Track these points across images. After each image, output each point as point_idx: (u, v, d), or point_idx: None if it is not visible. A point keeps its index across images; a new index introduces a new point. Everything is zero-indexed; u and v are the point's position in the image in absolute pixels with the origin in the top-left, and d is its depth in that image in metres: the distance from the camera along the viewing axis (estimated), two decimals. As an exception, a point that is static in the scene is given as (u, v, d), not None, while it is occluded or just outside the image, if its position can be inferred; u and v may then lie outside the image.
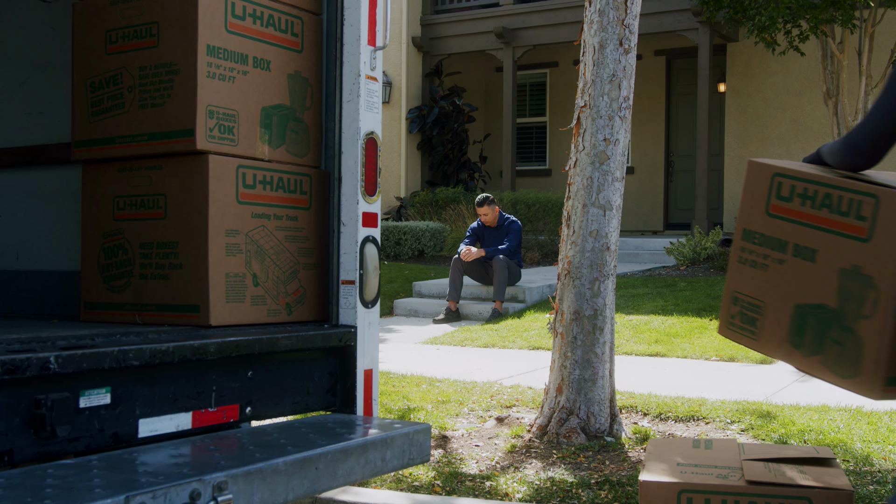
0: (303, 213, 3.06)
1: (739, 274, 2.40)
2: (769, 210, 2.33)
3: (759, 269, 2.35)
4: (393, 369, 6.44)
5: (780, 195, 2.31)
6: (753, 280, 2.35)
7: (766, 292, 2.33)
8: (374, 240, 3.08)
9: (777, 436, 4.36)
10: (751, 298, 2.37)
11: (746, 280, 2.37)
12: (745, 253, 2.37)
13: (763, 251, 2.34)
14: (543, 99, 16.82)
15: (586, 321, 4.33)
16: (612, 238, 4.35)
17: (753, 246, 2.35)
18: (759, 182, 2.37)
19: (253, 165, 2.89)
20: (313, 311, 3.09)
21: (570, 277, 4.36)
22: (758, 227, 2.35)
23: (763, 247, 2.34)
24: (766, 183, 2.35)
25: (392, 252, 13.08)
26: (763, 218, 2.34)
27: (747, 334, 2.38)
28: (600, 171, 4.30)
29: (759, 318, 2.34)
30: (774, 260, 2.31)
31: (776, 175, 2.33)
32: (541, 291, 9.77)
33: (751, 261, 2.37)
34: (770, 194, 2.33)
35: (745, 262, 2.38)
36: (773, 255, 2.31)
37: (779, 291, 2.29)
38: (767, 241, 2.33)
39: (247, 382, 2.72)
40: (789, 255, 2.28)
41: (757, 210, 2.36)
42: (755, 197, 2.37)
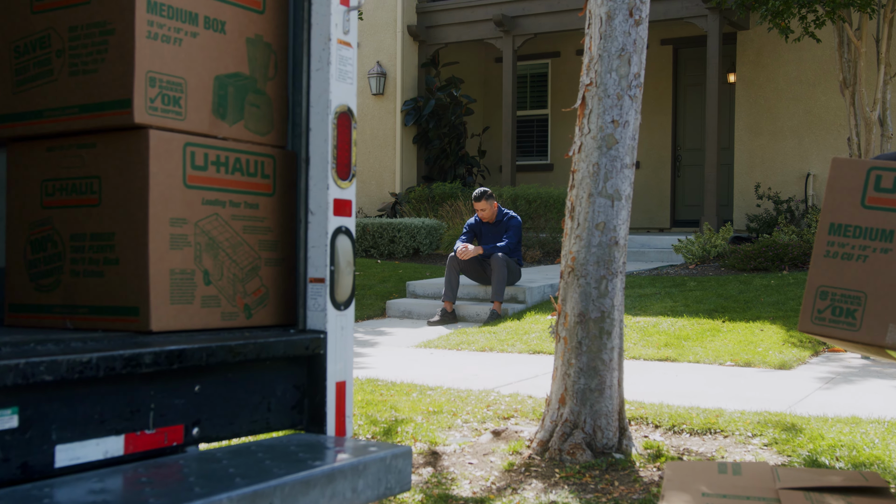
0: (264, 200, 2.69)
1: (829, 268, 2.53)
2: (865, 202, 2.52)
3: (856, 260, 2.50)
4: (382, 376, 6.07)
5: (881, 187, 2.51)
6: (848, 272, 2.50)
7: (867, 283, 2.47)
8: (348, 231, 2.71)
9: (805, 452, 3.99)
10: (846, 290, 2.51)
11: (839, 273, 2.51)
12: (834, 247, 2.52)
13: (860, 242, 2.50)
14: (545, 90, 16.45)
15: (592, 324, 3.96)
16: (621, 232, 3.98)
17: (847, 239, 2.51)
18: (850, 177, 2.54)
19: (204, 143, 2.52)
20: (277, 314, 2.72)
21: (574, 275, 3.99)
22: (851, 220, 2.52)
23: (860, 238, 2.50)
24: (860, 178, 2.54)
25: (386, 250, 12.71)
26: (858, 210, 2.51)
27: (843, 327, 2.50)
28: (608, 156, 3.93)
29: (859, 308, 2.48)
30: (876, 250, 2.47)
31: (874, 169, 2.53)
32: (542, 291, 9.40)
33: (844, 253, 2.52)
34: (867, 187, 2.53)
35: (835, 256, 2.52)
36: (874, 245, 2.48)
37: (885, 279, 2.44)
38: (866, 233, 2.50)
39: (193, 399, 2.34)
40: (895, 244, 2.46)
41: (849, 203, 2.52)
42: (846, 192, 2.54)
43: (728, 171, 14.23)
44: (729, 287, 9.32)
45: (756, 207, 13.39)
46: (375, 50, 15.28)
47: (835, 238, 2.57)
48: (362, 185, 15.38)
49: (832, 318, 2.55)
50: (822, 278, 2.58)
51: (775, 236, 10.96)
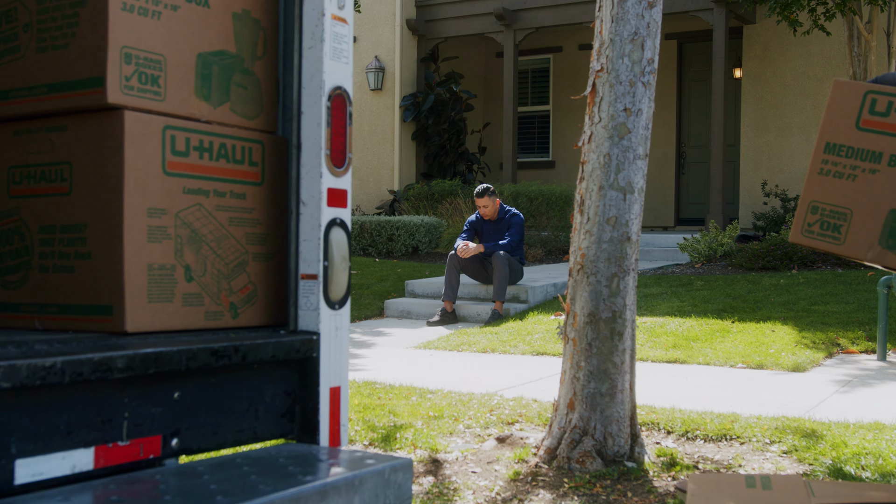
0: (252, 190, 2.49)
1: (821, 185, 2.69)
2: (860, 124, 2.64)
3: (846, 179, 2.65)
4: (380, 378, 5.87)
5: (875, 110, 2.62)
6: (838, 189, 2.66)
7: (853, 200, 2.63)
8: (343, 224, 2.51)
9: (828, 461, 3.79)
10: (834, 206, 2.67)
11: (829, 190, 2.67)
12: (828, 165, 2.67)
13: (851, 162, 2.65)
14: (546, 86, 16.25)
15: (603, 325, 3.77)
16: (634, 226, 3.79)
17: (839, 158, 2.66)
18: (848, 99, 2.66)
19: (186, 127, 2.32)
20: (266, 314, 2.52)
21: (583, 273, 3.80)
22: (845, 141, 2.66)
23: (851, 158, 2.65)
24: (857, 100, 2.64)
25: (384, 249, 12.51)
26: (852, 131, 2.64)
27: (828, 240, 2.69)
28: (620, 146, 3.74)
29: (844, 224, 2.66)
30: (865, 170, 2.63)
31: (870, 92, 2.63)
32: (545, 291, 9.21)
33: (836, 172, 2.67)
34: (862, 110, 2.64)
35: (827, 174, 2.68)
36: (863, 166, 2.63)
37: (870, 198, 2.60)
38: (857, 153, 2.64)
39: (173, 407, 2.14)
40: (884, 165, 2.60)
41: (845, 125, 2.65)
42: (842, 113, 2.65)
43: (734, 168, 14.04)
44: (737, 286, 9.12)
45: (763, 205, 13.20)
46: (373, 44, 15.08)
47: (829, 157, 2.72)
48: (360, 182, 15.19)
49: (820, 231, 2.74)
50: (814, 194, 2.74)
51: (783, 235, 10.77)
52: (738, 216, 13.60)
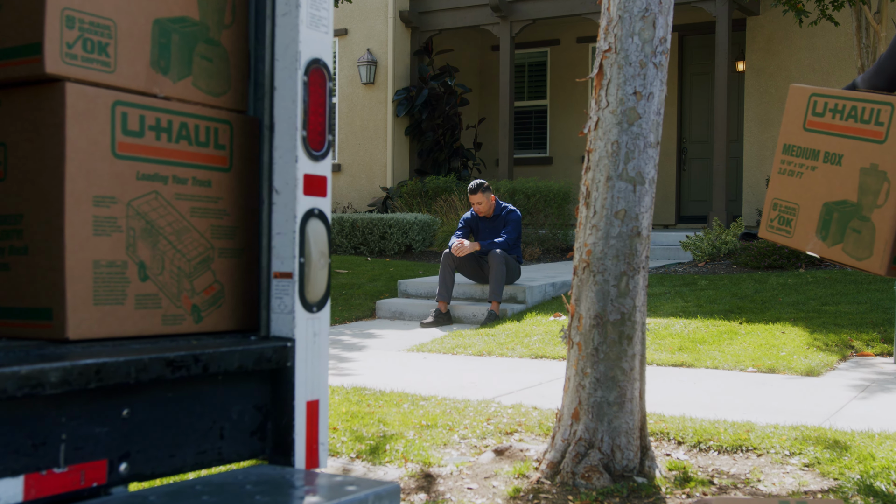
0: (219, 177, 2.21)
1: (779, 183, 2.95)
2: (806, 125, 2.88)
3: (795, 176, 2.90)
4: (370, 384, 5.59)
5: (815, 112, 2.85)
6: (790, 187, 2.91)
7: (800, 196, 2.88)
8: (322, 215, 2.24)
9: (856, 475, 3.52)
10: (787, 202, 2.92)
11: (784, 187, 2.93)
12: (784, 164, 2.94)
13: (799, 161, 2.90)
14: (543, 80, 15.99)
15: (611, 328, 3.49)
16: (644, 221, 3.52)
17: (792, 157, 2.92)
18: (799, 102, 2.90)
19: (140, 103, 2.04)
20: (234, 318, 2.24)
21: (589, 271, 3.52)
22: (796, 141, 2.90)
23: (799, 157, 2.90)
24: (805, 102, 2.88)
25: (376, 247, 12.23)
26: (801, 133, 2.89)
27: (782, 234, 2.93)
28: (629, 133, 3.47)
29: (793, 218, 2.90)
30: (808, 167, 2.87)
31: (813, 95, 2.87)
32: (543, 291, 8.94)
33: (788, 170, 2.92)
34: (807, 112, 2.88)
35: (784, 173, 2.94)
36: (807, 164, 2.88)
37: (810, 193, 2.85)
38: (803, 152, 2.89)
39: (121, 427, 1.87)
40: (820, 161, 2.84)
41: (796, 126, 2.90)
42: (795, 116, 2.91)
43: (737, 164, 13.79)
44: (743, 286, 8.86)
45: (767, 202, 12.93)
46: (366, 37, 14.80)
47: (785, 157, 2.96)
48: (351, 179, 14.91)
49: (778, 226, 2.97)
50: (774, 192, 3.00)
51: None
52: (741, 213, 13.35)
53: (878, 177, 2.72)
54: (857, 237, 2.76)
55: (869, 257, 2.72)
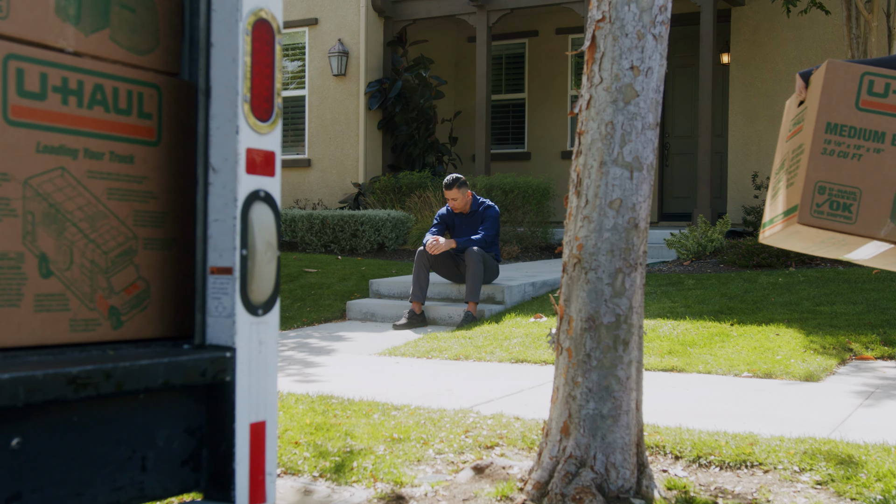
0: (144, 152, 1.86)
1: (826, 165, 2.84)
2: (860, 105, 2.83)
3: (851, 158, 2.82)
4: (337, 391, 5.24)
5: (874, 91, 2.81)
6: (845, 170, 2.82)
7: (861, 179, 2.80)
8: (269, 198, 1.89)
9: (877, 495, 3.22)
10: (842, 186, 2.82)
11: (835, 170, 2.83)
12: (830, 145, 2.84)
13: (856, 142, 2.82)
14: (521, 73, 15.67)
15: (605, 331, 3.16)
16: (642, 211, 3.19)
17: (842, 138, 2.83)
18: (844, 81, 2.84)
19: (41, 58, 1.69)
20: (162, 322, 1.89)
21: (580, 268, 3.19)
22: (846, 121, 2.83)
23: (856, 138, 2.82)
24: (855, 81, 2.83)
25: (347, 245, 11.86)
26: (853, 112, 2.83)
27: (840, 220, 2.82)
28: (625, 113, 3.13)
29: (854, 203, 2.81)
30: (870, 149, 2.81)
31: (867, 74, 2.83)
32: (522, 291, 8.61)
33: (840, 151, 2.83)
34: (861, 90, 2.83)
35: (832, 154, 2.84)
36: (867, 146, 2.81)
37: (877, 176, 2.79)
38: (861, 133, 2.82)
39: (9, 461, 1.51)
40: (888, 143, 2.79)
41: (844, 106, 2.83)
42: (840, 94, 2.84)
43: (721, 159, 13.53)
44: (732, 286, 8.58)
45: (753, 199, 12.69)
46: (337, 27, 14.42)
47: (831, 136, 2.87)
48: (322, 174, 14.53)
49: (831, 210, 2.87)
50: (819, 174, 2.88)
51: (778, 229, 10.24)
52: (726, 210, 13.09)
53: None
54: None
55: None
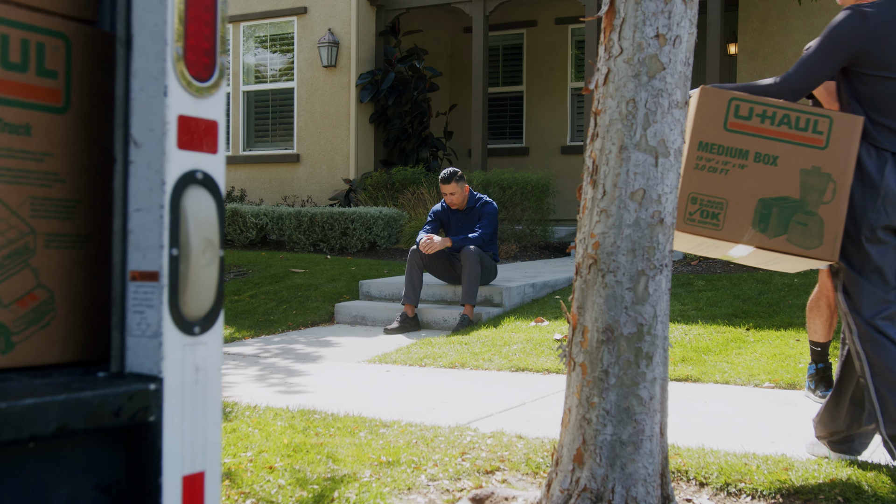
0: (46, 120, 1.44)
1: (698, 179, 3.35)
2: (727, 126, 3.35)
3: (719, 173, 3.34)
4: (321, 404, 4.82)
5: (739, 115, 3.35)
6: (714, 183, 3.34)
7: (727, 191, 3.33)
8: (210, 182, 1.47)
9: (941, 534, 2.81)
10: (711, 197, 3.34)
11: (705, 183, 3.35)
12: (702, 161, 3.35)
13: (723, 158, 3.35)
14: (519, 65, 15.26)
15: (624, 344, 2.75)
16: (668, 204, 2.78)
17: (712, 155, 3.35)
18: (715, 104, 3.37)
19: None
20: (70, 343, 1.47)
21: (597, 270, 2.78)
22: (716, 140, 3.36)
23: (724, 155, 3.35)
24: (724, 105, 3.36)
25: (337, 244, 11.44)
26: (721, 132, 3.35)
27: (709, 227, 3.35)
28: (649, 89, 2.72)
29: (721, 212, 3.33)
30: (735, 165, 3.34)
31: (734, 99, 3.37)
32: (522, 292, 8.20)
33: (709, 167, 3.35)
34: (728, 114, 3.36)
35: (702, 169, 3.35)
36: (734, 162, 3.34)
37: (741, 189, 3.32)
38: (728, 151, 3.35)
39: None
40: (751, 161, 3.34)
41: (714, 126, 3.36)
42: (711, 116, 3.37)
43: (728, 154, 13.13)
44: (745, 287, 8.18)
45: (762, 196, 12.29)
46: (327, 16, 13.99)
47: (703, 154, 3.32)
48: (311, 170, 14.10)
49: (701, 219, 3.31)
50: (692, 186, 3.32)
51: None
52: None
53: (822, 178, 3.30)
54: (804, 229, 3.29)
55: (819, 246, 3.30)
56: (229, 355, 6.77)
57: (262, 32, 14.71)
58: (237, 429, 4.19)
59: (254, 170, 14.62)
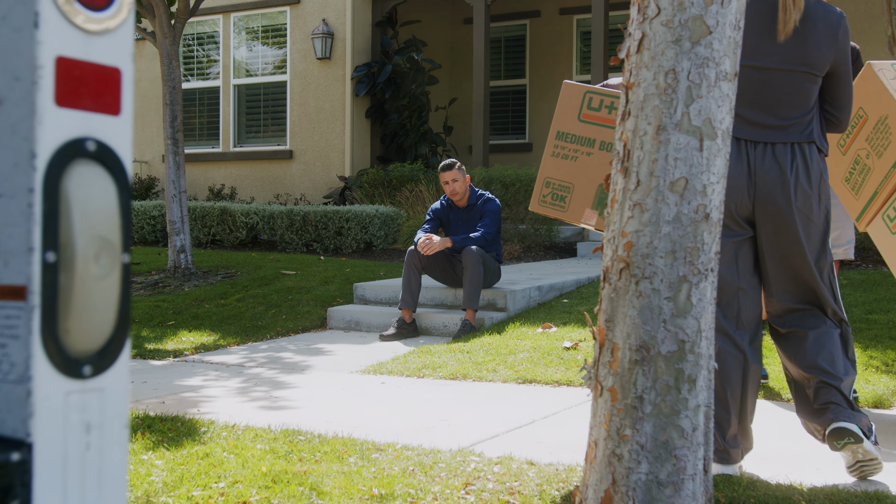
0: None
1: (552, 165, 3.79)
2: (581, 117, 3.72)
3: (570, 160, 3.73)
4: (307, 422, 4.39)
5: (591, 106, 3.71)
6: (563, 168, 3.74)
7: (574, 176, 3.73)
8: (108, 154, 1.03)
9: None
10: (561, 181, 3.74)
11: (558, 169, 3.76)
12: (557, 149, 3.76)
13: (574, 147, 3.73)
14: (522, 57, 14.83)
15: (663, 365, 2.31)
16: (715, 196, 2.34)
17: (566, 143, 3.74)
18: (573, 97, 3.76)
19: None
20: None
21: (629, 276, 2.34)
22: (570, 130, 3.75)
23: (574, 143, 3.73)
24: (579, 98, 3.74)
25: (331, 244, 11.00)
26: (575, 123, 3.74)
27: (556, 208, 3.80)
28: (692, 57, 2.29)
29: (568, 195, 3.71)
30: (583, 153, 3.72)
31: (588, 92, 3.76)
32: (527, 296, 7.76)
33: (563, 154, 3.75)
34: (582, 105, 3.73)
35: (557, 156, 3.75)
36: (582, 150, 3.72)
37: (586, 175, 3.70)
38: (578, 140, 3.72)
39: None
40: (596, 149, 3.71)
41: (570, 117, 3.75)
42: (569, 108, 3.75)
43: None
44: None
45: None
46: (321, 6, 13.56)
47: (559, 142, 3.77)
48: (305, 167, 13.67)
49: (551, 201, 3.78)
50: (547, 171, 3.84)
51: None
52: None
53: None
54: None
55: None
56: (211, 365, 6.33)
57: (254, 23, 14.27)
58: (210, 454, 3.76)
59: (245, 167, 14.19)
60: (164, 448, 3.85)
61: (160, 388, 5.50)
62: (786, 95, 3.36)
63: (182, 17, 9.65)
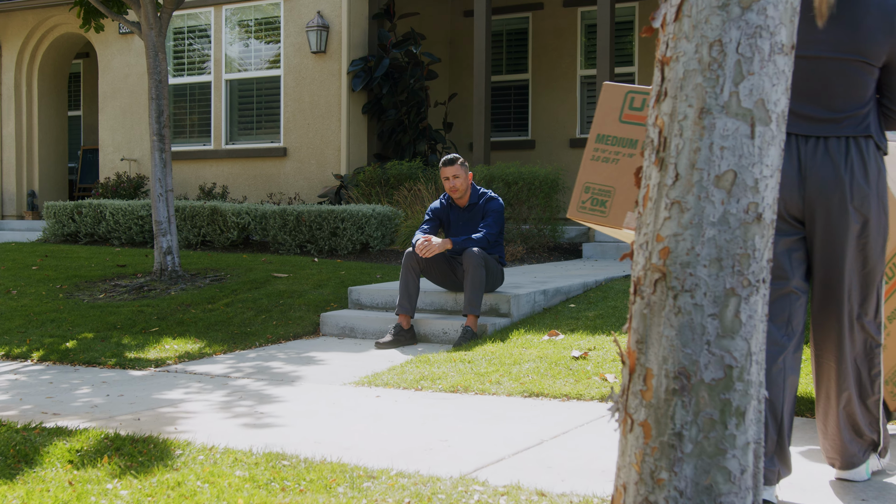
0: None
1: (592, 169, 3.64)
2: (622, 118, 3.61)
3: (611, 163, 3.60)
4: (293, 443, 4.02)
5: (633, 106, 3.61)
6: (605, 172, 3.60)
7: (616, 179, 3.58)
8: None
9: None
10: (601, 186, 3.61)
11: (598, 173, 3.62)
12: (598, 152, 3.64)
13: (616, 149, 3.61)
14: (524, 51, 14.47)
15: (706, 394, 1.95)
16: (769, 193, 1.98)
17: (607, 146, 3.62)
18: (614, 98, 3.64)
19: None
20: None
21: (666, 288, 1.98)
22: (611, 132, 3.63)
23: (615, 146, 3.61)
24: (621, 98, 3.63)
25: (326, 246, 10.63)
26: (616, 125, 3.62)
27: (597, 214, 3.62)
28: (743, 24, 1.92)
29: (609, 199, 3.59)
30: (624, 155, 3.59)
31: (630, 92, 3.63)
32: (532, 300, 7.40)
33: (603, 157, 3.62)
34: (624, 106, 3.62)
35: (597, 159, 3.63)
36: (623, 152, 3.59)
37: (628, 178, 3.53)
38: (619, 142, 3.60)
39: None
40: (639, 149, 3.53)
41: (611, 119, 3.62)
42: (610, 110, 3.63)
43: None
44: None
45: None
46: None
47: (599, 146, 3.65)
48: (299, 165, 13.30)
49: (591, 207, 3.64)
50: (586, 176, 3.66)
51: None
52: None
53: None
54: None
55: None
56: (194, 375, 5.97)
57: (246, 16, 13.91)
58: (183, 482, 3.39)
59: (237, 165, 13.83)
60: (132, 475, 3.49)
61: (137, 402, 5.14)
62: (838, 87, 3.02)
63: (169, 7, 9.29)
